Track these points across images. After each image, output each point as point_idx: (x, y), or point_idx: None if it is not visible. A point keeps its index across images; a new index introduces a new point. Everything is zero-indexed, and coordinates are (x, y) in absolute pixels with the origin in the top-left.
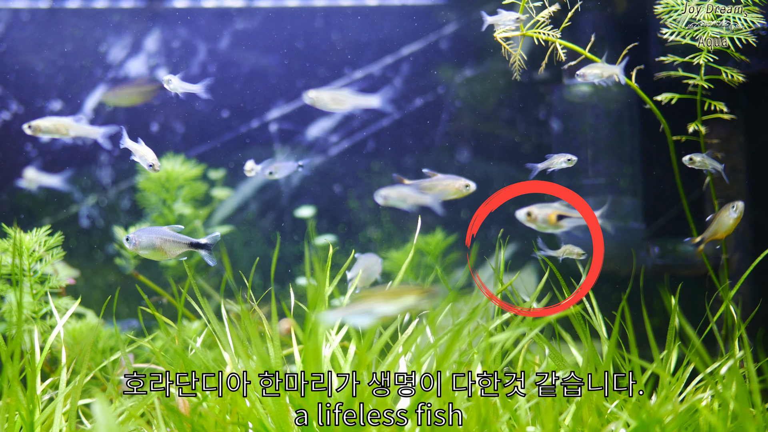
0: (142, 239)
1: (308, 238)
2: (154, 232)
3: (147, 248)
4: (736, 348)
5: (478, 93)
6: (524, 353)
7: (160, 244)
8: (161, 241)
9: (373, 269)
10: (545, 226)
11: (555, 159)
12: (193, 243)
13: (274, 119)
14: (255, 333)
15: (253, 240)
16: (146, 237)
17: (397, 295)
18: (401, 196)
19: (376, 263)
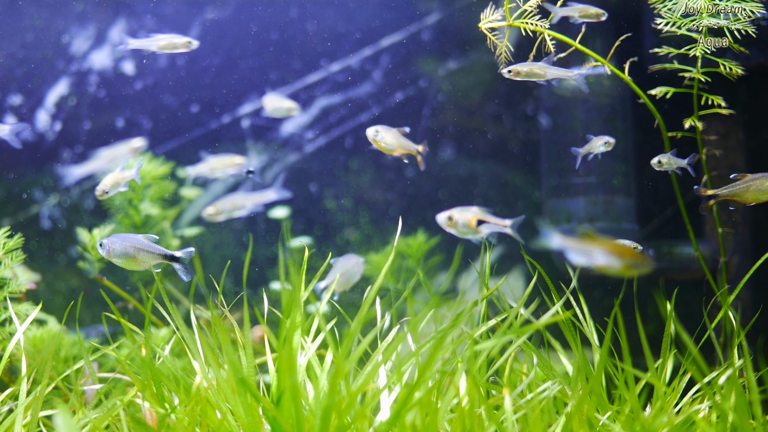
0: (116, 246)
1: (283, 240)
2: (128, 240)
3: (120, 256)
4: (735, 356)
5: (462, 87)
6: (511, 362)
7: (133, 253)
8: (135, 250)
9: (353, 271)
10: (465, 230)
11: (594, 142)
12: (167, 255)
13: (247, 114)
14: (226, 340)
15: (225, 242)
16: (120, 244)
17: (618, 251)
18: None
19: (357, 264)
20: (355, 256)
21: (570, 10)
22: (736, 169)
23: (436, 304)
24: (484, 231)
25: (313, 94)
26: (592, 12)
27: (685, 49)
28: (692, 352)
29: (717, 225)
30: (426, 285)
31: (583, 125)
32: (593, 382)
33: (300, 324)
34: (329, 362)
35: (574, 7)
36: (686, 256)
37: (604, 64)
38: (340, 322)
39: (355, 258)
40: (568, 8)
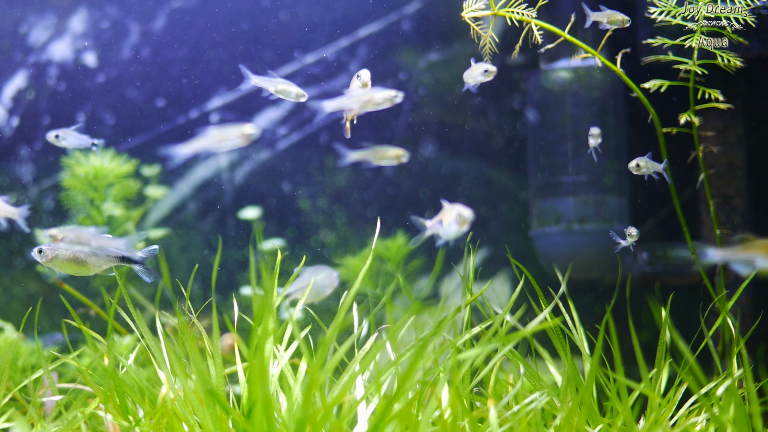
0: (60, 251)
1: (254, 242)
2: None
3: (67, 262)
4: (734, 366)
5: (444, 79)
6: (497, 372)
7: (83, 258)
8: (86, 254)
9: (322, 284)
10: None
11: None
12: (125, 258)
13: (216, 109)
14: (194, 349)
15: (192, 244)
16: (66, 249)
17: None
18: None
19: (329, 277)
20: (326, 269)
21: (600, 15)
22: (734, 167)
23: (417, 311)
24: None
25: None
26: (619, 18)
27: (681, 39)
28: (689, 361)
29: (715, 226)
30: (406, 290)
31: (572, 120)
32: (583, 393)
33: (272, 331)
34: (303, 372)
35: (604, 12)
36: (682, 259)
37: (594, 56)
38: (315, 329)
39: (326, 271)
40: (599, 13)
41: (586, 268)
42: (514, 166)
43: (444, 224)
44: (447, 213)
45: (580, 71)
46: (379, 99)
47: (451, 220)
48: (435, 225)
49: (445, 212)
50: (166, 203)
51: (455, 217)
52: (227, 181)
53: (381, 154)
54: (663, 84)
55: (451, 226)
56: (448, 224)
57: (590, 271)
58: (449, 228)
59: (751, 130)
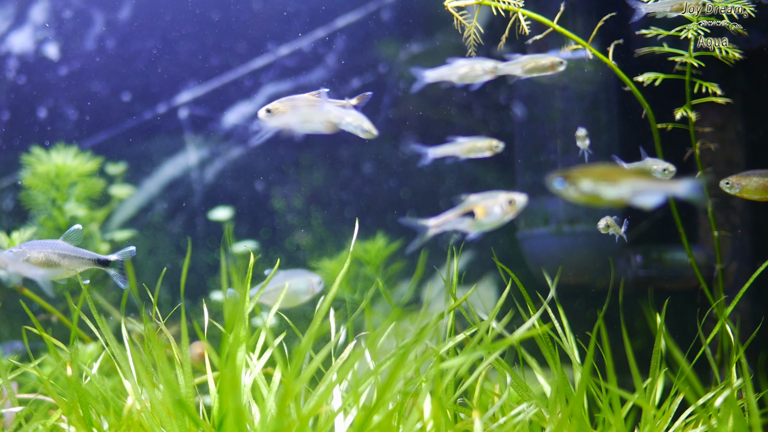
0: (33, 254)
1: (225, 244)
2: (48, 246)
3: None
4: (733, 375)
5: None
6: (482, 381)
7: (56, 260)
8: (58, 257)
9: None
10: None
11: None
12: (99, 260)
13: (185, 103)
14: (162, 357)
15: (160, 247)
16: (39, 252)
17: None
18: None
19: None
20: (305, 273)
21: (660, 5)
22: (733, 165)
23: (398, 317)
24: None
25: (259, 80)
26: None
27: (676, 30)
28: (685, 370)
29: (713, 228)
30: (386, 295)
31: (562, 116)
32: (574, 404)
33: (245, 339)
34: (277, 382)
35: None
36: (678, 262)
37: (585, 48)
38: (290, 336)
39: (305, 275)
40: (659, 3)
41: (576, 272)
42: (501, 164)
43: (482, 213)
44: (488, 200)
45: (570, 64)
46: (479, 70)
47: (492, 207)
48: (456, 220)
49: (486, 200)
50: (132, 203)
51: (503, 202)
52: (197, 180)
53: (470, 147)
54: (657, 77)
55: (493, 213)
56: (488, 212)
57: (581, 275)
58: (490, 215)
59: (751, 126)
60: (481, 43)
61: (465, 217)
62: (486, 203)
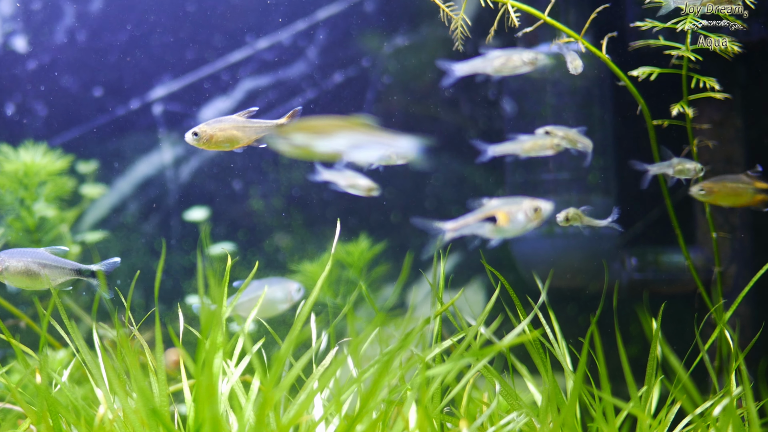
0: (12, 263)
1: (201, 246)
2: (28, 254)
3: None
4: (732, 383)
5: (411, 67)
6: (470, 389)
7: (37, 270)
8: (39, 267)
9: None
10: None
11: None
12: (82, 270)
13: (159, 99)
14: (135, 364)
15: (133, 249)
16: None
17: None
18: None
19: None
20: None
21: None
22: (732, 163)
23: (382, 322)
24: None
25: (236, 75)
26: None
27: (672, 22)
28: (682, 377)
29: (711, 229)
30: (369, 299)
31: (553, 112)
32: (566, 414)
33: (222, 345)
34: (256, 390)
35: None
36: (675, 265)
37: (578, 41)
38: (269, 342)
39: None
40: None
41: (568, 275)
42: (489, 163)
43: (505, 220)
44: (511, 206)
45: (561, 57)
46: (517, 62)
47: (516, 214)
48: (475, 224)
49: (510, 206)
50: (104, 203)
51: (527, 209)
52: (172, 179)
53: (531, 146)
54: (653, 71)
55: (517, 220)
56: (511, 219)
57: (573, 278)
58: (514, 222)
59: (751, 122)
60: (468, 36)
61: (485, 223)
62: (509, 209)
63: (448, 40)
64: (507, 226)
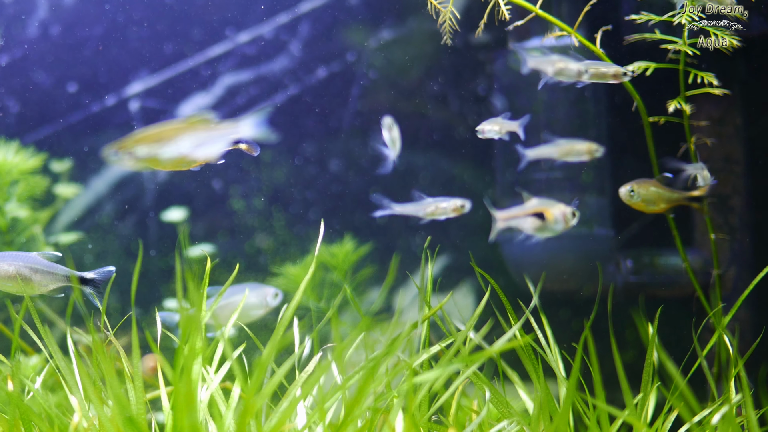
0: (2, 267)
1: (179, 248)
2: (19, 258)
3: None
4: (731, 390)
5: (398, 61)
6: (459, 397)
7: (28, 275)
8: (30, 271)
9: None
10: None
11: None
12: (75, 277)
13: (136, 95)
14: (111, 371)
15: (109, 251)
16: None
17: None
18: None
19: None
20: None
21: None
22: (732, 161)
23: (367, 327)
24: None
25: (216, 70)
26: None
27: (669, 15)
28: (679, 384)
29: (709, 230)
30: (354, 303)
31: (546, 108)
32: (558, 422)
33: (201, 351)
34: (237, 398)
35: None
36: (672, 267)
37: (571, 34)
38: (250, 348)
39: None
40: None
41: (561, 278)
42: (479, 161)
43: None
44: (553, 208)
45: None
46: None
47: (558, 217)
48: (522, 218)
49: (553, 207)
50: (79, 203)
51: (567, 212)
52: (149, 178)
53: (568, 150)
54: (649, 66)
55: (557, 220)
56: (554, 221)
57: (566, 282)
58: (555, 224)
59: (751, 119)
60: (457, 30)
61: (530, 218)
62: (553, 210)
63: (436, 33)
64: (554, 225)
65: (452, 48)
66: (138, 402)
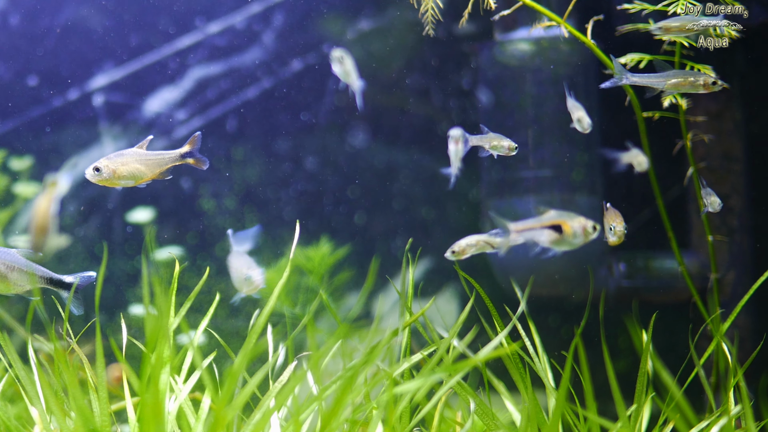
0: None
1: (146, 251)
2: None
3: None
4: (730, 401)
5: (377, 53)
6: (442, 408)
7: (3, 272)
8: (6, 269)
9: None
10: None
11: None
12: (54, 279)
13: (100, 88)
14: (74, 381)
15: (72, 254)
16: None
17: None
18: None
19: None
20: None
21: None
22: (731, 159)
23: (345, 334)
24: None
25: (185, 62)
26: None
27: (663, 4)
28: (675, 395)
29: (707, 232)
30: (331, 309)
31: (534, 102)
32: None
33: (169, 360)
34: (207, 409)
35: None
36: (667, 271)
37: (560, 25)
38: (221, 356)
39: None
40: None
41: (550, 282)
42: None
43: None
44: (573, 221)
45: (542, 43)
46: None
47: (577, 230)
48: (538, 231)
49: (572, 220)
50: None
51: (588, 226)
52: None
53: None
54: (643, 58)
55: (576, 233)
56: (572, 234)
57: (555, 286)
58: (574, 238)
59: (751, 114)
60: (440, 20)
61: (546, 231)
62: (572, 223)
63: (417, 23)
64: (568, 239)
65: (435, 39)
66: (102, 414)
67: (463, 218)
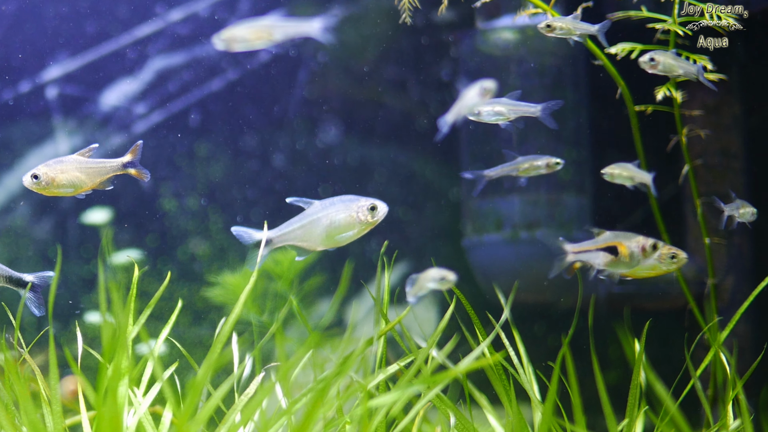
0: None
1: (103, 254)
2: None
3: None
4: (729, 415)
5: (351, 43)
6: (420, 423)
7: None
8: None
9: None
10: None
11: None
12: (14, 278)
13: (53, 80)
14: (25, 393)
15: (23, 257)
16: None
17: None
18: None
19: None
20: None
21: None
22: (729, 155)
23: (316, 344)
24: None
25: (145, 52)
26: None
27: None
28: (670, 409)
29: (703, 233)
30: (302, 317)
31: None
32: None
33: (127, 371)
34: (168, 423)
35: None
36: (661, 276)
37: (546, 12)
38: (183, 367)
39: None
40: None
41: (536, 288)
42: (443, 156)
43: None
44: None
45: (528, 32)
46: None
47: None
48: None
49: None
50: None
51: (647, 245)
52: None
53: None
54: (634, 48)
55: (634, 258)
56: (628, 255)
57: (542, 292)
58: (631, 259)
59: (751, 107)
60: (417, 6)
61: (601, 253)
62: (628, 243)
63: (393, 11)
64: (624, 260)
65: (412, 27)
66: (56, 429)
67: (443, 219)
